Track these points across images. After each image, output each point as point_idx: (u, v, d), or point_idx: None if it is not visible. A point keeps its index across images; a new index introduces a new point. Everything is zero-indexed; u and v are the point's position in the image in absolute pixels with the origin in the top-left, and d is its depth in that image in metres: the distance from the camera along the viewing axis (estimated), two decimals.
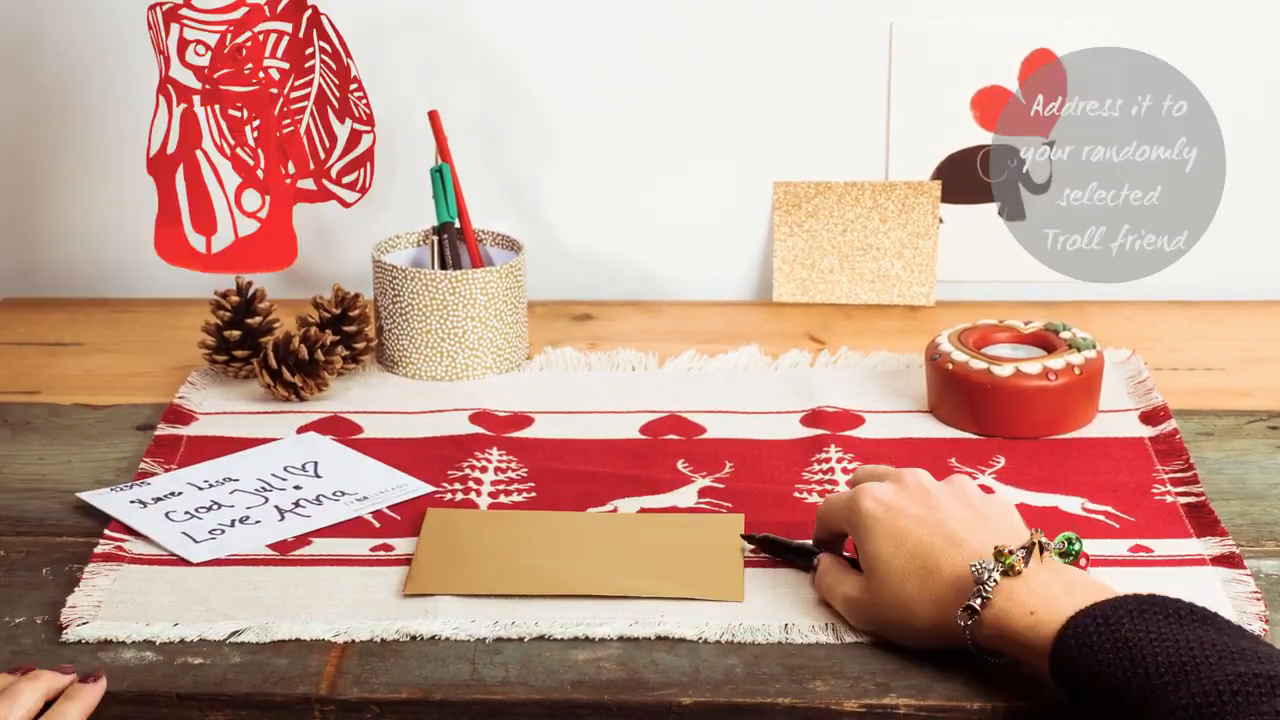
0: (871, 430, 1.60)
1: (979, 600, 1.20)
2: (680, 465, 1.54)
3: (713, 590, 1.35)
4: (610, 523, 1.45)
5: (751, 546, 1.40)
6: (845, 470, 1.52)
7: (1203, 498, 1.47)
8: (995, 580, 1.20)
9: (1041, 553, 1.21)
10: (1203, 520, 1.44)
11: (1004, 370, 1.57)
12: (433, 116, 1.74)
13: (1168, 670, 1.10)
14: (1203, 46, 1.85)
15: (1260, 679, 1.07)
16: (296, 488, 1.50)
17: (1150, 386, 1.66)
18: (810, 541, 1.37)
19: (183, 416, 1.63)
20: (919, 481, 1.31)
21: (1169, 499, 1.48)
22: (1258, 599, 1.32)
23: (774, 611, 1.32)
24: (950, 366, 1.59)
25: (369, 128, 1.73)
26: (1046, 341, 1.63)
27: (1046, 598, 1.19)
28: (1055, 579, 1.20)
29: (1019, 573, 1.20)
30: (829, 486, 1.49)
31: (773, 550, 1.39)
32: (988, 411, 1.58)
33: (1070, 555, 1.23)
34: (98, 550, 1.40)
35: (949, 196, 1.90)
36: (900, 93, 1.88)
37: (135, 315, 1.89)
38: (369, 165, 1.74)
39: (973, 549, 1.24)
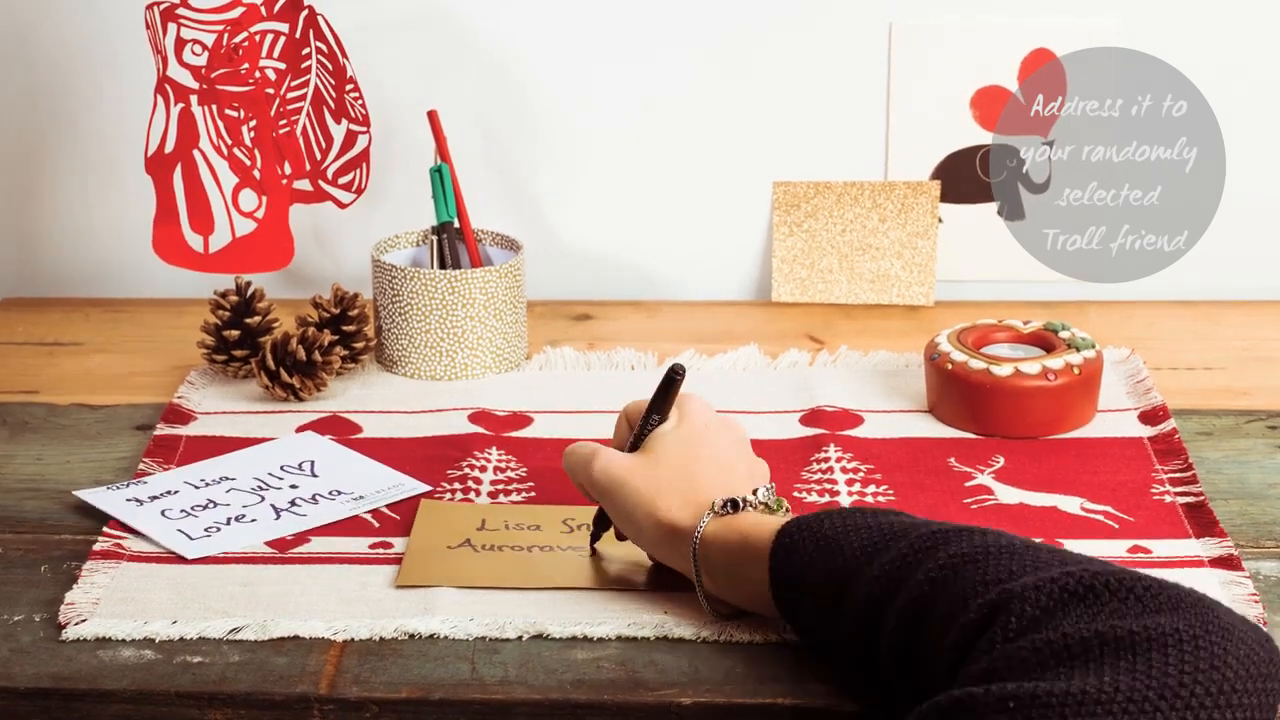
0: (871, 430, 1.60)
1: (700, 525, 1.28)
2: None
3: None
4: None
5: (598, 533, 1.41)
6: (845, 469, 1.52)
7: (1202, 497, 1.47)
8: (708, 518, 1.28)
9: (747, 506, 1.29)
10: (1202, 520, 1.44)
11: (1003, 370, 1.57)
12: (432, 116, 1.73)
13: (861, 552, 1.17)
14: (1203, 46, 1.85)
15: (935, 535, 1.15)
16: (293, 487, 1.50)
17: (1149, 386, 1.66)
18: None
19: (182, 416, 1.63)
20: (726, 423, 1.38)
21: (1168, 499, 1.47)
22: (1256, 601, 1.32)
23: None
24: (949, 366, 1.59)
25: (365, 128, 1.73)
26: (1046, 341, 1.63)
27: (753, 522, 1.26)
28: (757, 515, 1.28)
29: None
30: (829, 486, 1.49)
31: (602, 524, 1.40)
32: (987, 411, 1.58)
33: (777, 511, 1.29)
34: (96, 547, 1.40)
35: (948, 196, 1.90)
36: (899, 92, 1.88)
37: (134, 315, 1.89)
38: (365, 166, 1.74)
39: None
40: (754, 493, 1.29)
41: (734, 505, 1.28)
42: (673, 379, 1.36)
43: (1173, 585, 1.04)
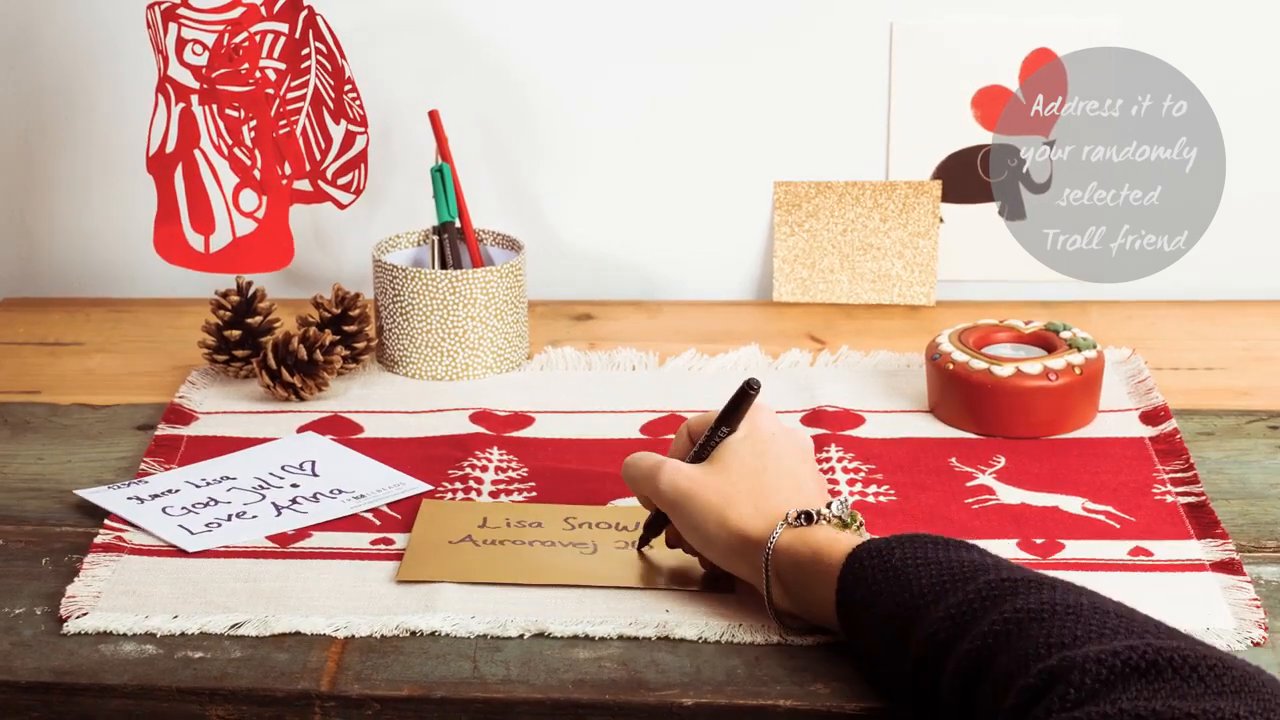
0: (872, 430, 1.60)
1: (774, 536, 1.26)
2: None
3: (705, 581, 1.35)
4: (604, 516, 1.45)
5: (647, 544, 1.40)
6: (846, 469, 1.52)
7: (1203, 497, 1.47)
8: (781, 528, 1.27)
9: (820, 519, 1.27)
10: (1203, 520, 1.44)
11: (1004, 370, 1.57)
12: (433, 116, 1.73)
13: (930, 589, 1.16)
14: (1203, 46, 1.85)
15: (1005, 584, 1.13)
16: (294, 486, 1.50)
17: (1150, 386, 1.66)
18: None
19: (183, 416, 1.63)
20: (793, 434, 1.37)
21: (1169, 499, 1.47)
22: (1257, 606, 1.32)
23: None
24: (951, 366, 1.59)
25: (363, 129, 1.73)
26: (1047, 341, 1.63)
27: (827, 538, 1.25)
28: (830, 530, 1.27)
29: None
30: (830, 486, 1.49)
31: (653, 528, 1.39)
32: (988, 411, 1.58)
33: (851, 525, 1.28)
34: (98, 540, 1.40)
35: (949, 196, 1.90)
36: (901, 92, 1.88)
37: (135, 315, 1.89)
38: (363, 167, 1.74)
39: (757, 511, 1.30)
40: (828, 506, 1.27)
41: (808, 517, 1.27)
42: (746, 392, 1.34)
43: (1241, 664, 1.01)
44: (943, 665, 1.12)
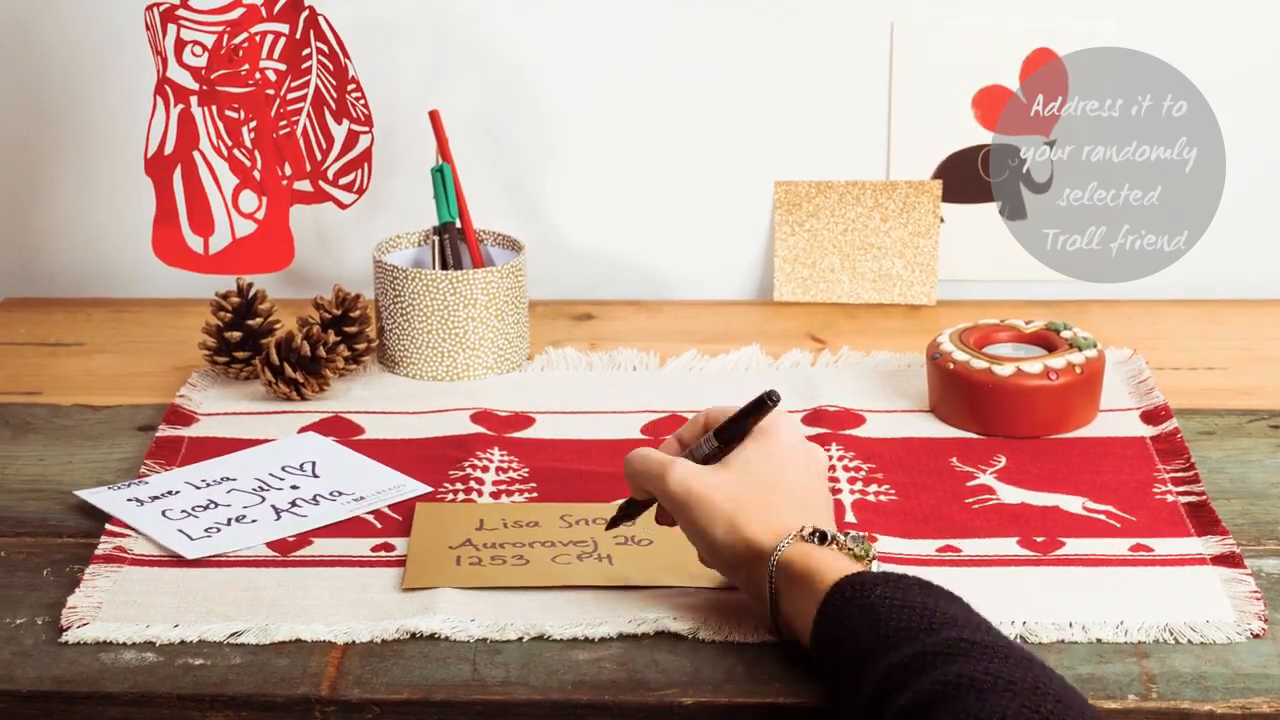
0: (873, 429, 1.60)
1: (781, 548, 1.25)
2: None
3: (710, 578, 1.36)
4: (601, 513, 1.45)
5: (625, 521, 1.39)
6: (846, 469, 1.52)
7: (1204, 497, 1.47)
8: (789, 542, 1.25)
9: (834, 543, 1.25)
10: (1204, 519, 1.44)
11: (1005, 370, 1.57)
12: (433, 116, 1.73)
13: (894, 634, 1.15)
14: (1203, 46, 1.85)
15: (962, 644, 1.11)
16: (294, 487, 1.50)
17: (1151, 386, 1.66)
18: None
19: (184, 418, 1.63)
20: (812, 450, 1.35)
21: (1170, 498, 1.47)
22: (1257, 598, 1.32)
23: None
24: (951, 366, 1.59)
25: (367, 128, 1.73)
26: (1047, 341, 1.63)
27: (824, 562, 1.23)
28: (831, 554, 1.24)
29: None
30: (831, 485, 1.49)
31: (627, 511, 1.38)
32: (989, 411, 1.58)
33: (862, 559, 1.25)
34: (98, 551, 1.40)
35: (950, 196, 1.90)
36: (901, 92, 1.88)
37: (136, 315, 1.89)
38: (366, 166, 1.74)
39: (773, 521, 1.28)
40: (845, 535, 1.25)
41: (821, 537, 1.25)
42: (764, 403, 1.32)
43: None
44: (883, 712, 1.11)
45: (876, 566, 1.25)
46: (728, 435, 1.33)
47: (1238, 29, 1.85)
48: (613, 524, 1.38)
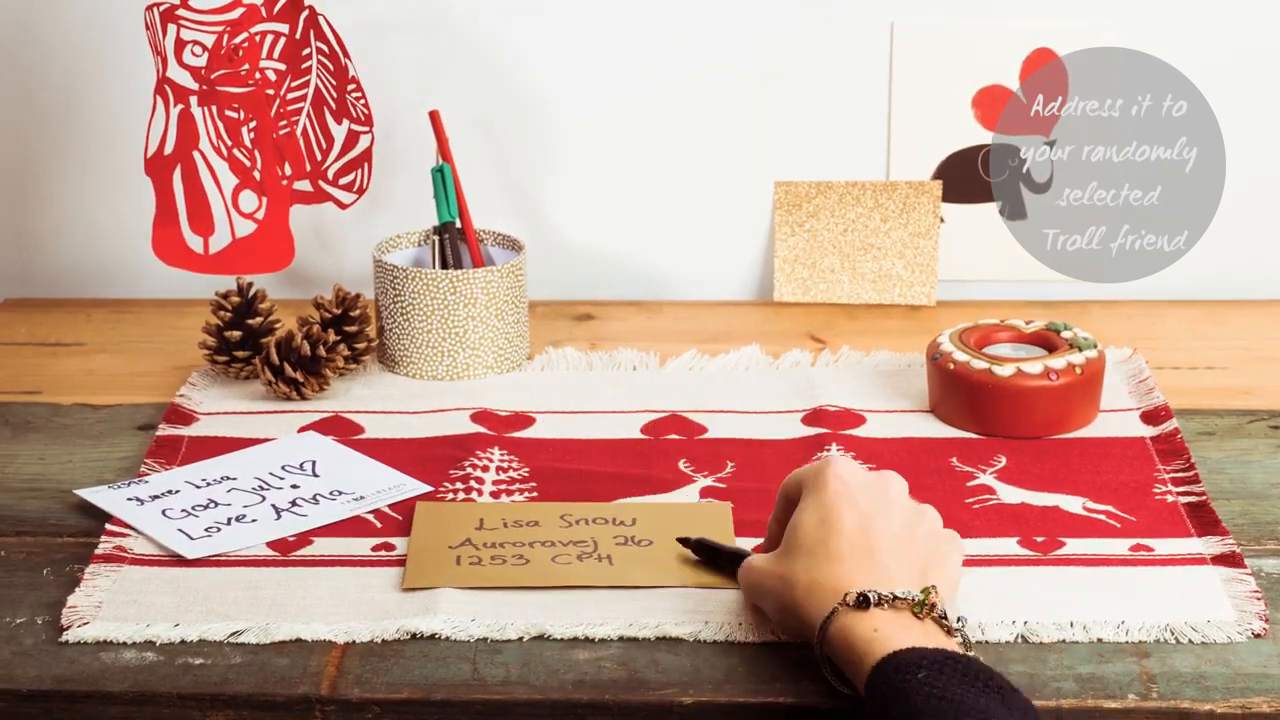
0: (873, 429, 1.60)
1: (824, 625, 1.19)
2: (682, 465, 1.54)
3: (710, 578, 1.35)
4: (601, 513, 1.45)
5: (687, 550, 1.38)
6: None
7: (1204, 497, 1.47)
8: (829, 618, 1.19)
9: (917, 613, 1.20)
10: (1204, 519, 1.44)
11: (1005, 370, 1.57)
12: (434, 116, 1.73)
13: None
14: (1203, 46, 1.85)
15: None
16: (294, 487, 1.50)
17: (1151, 386, 1.66)
18: (744, 548, 1.35)
19: (184, 417, 1.63)
20: (886, 487, 1.30)
21: (1170, 498, 1.47)
22: (1258, 598, 1.32)
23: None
24: (951, 366, 1.59)
25: (367, 128, 1.73)
26: (1048, 341, 1.63)
27: (864, 637, 1.17)
28: (874, 622, 1.19)
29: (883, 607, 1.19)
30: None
31: (707, 554, 1.37)
32: (989, 411, 1.58)
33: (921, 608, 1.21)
34: (98, 550, 1.40)
35: (950, 196, 1.90)
36: (901, 92, 1.88)
37: (136, 315, 1.89)
38: (366, 166, 1.74)
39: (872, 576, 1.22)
40: (901, 592, 1.19)
41: (863, 600, 1.19)
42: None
43: None
44: None
45: (931, 619, 1.20)
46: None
47: (1238, 29, 1.85)
48: (692, 546, 1.38)
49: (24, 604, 1.34)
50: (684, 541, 1.39)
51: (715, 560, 1.37)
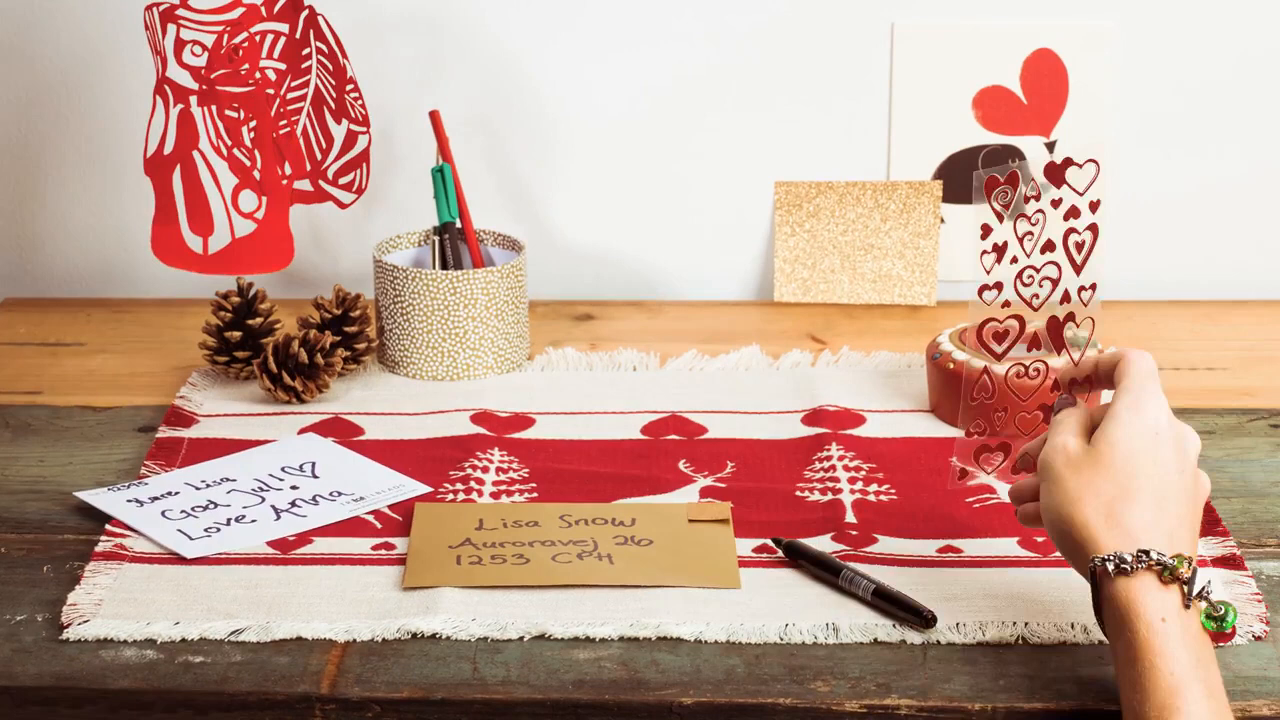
0: (873, 429, 1.60)
1: (1121, 562, 1.17)
2: (682, 465, 1.54)
3: (710, 579, 1.35)
4: (601, 513, 1.45)
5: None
6: (847, 469, 1.52)
7: None
8: (1149, 565, 1.17)
9: (1200, 598, 1.18)
10: (1204, 519, 1.43)
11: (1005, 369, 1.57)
12: (434, 116, 1.73)
13: None
14: (1202, 46, 1.85)
15: None
16: (294, 488, 1.50)
17: None
18: (831, 556, 1.34)
19: (183, 419, 1.63)
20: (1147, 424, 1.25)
21: None
22: (1259, 600, 1.32)
23: (775, 611, 1.32)
24: (951, 366, 1.59)
25: (365, 129, 1.73)
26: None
27: (1190, 645, 1.15)
28: (1200, 635, 1.17)
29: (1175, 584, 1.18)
30: (831, 485, 1.49)
31: (798, 557, 1.37)
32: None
33: (1218, 622, 1.19)
34: (99, 548, 1.40)
35: (950, 196, 1.90)
36: (902, 92, 1.88)
37: (136, 315, 1.89)
38: (365, 166, 1.74)
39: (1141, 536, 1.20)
40: (1146, 553, 1.18)
41: (1121, 565, 1.18)
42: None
43: None
44: None
45: (1199, 588, 1.18)
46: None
47: (1237, 29, 1.85)
48: (789, 551, 1.38)
49: (24, 601, 1.34)
50: (776, 542, 1.39)
51: (801, 560, 1.36)
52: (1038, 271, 1.34)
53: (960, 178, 1.89)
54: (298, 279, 1.92)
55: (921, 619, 1.29)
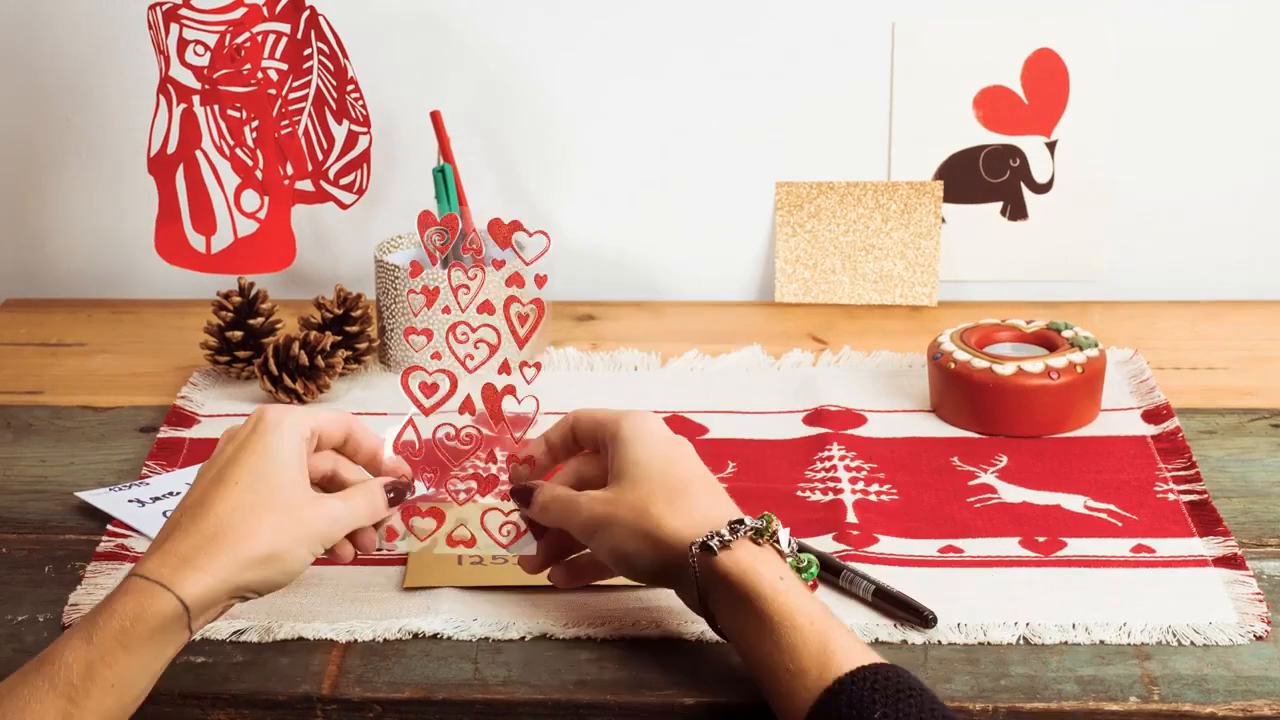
0: (874, 429, 1.60)
1: (722, 538, 1.20)
2: None
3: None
4: None
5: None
6: (848, 469, 1.52)
7: (1205, 496, 1.47)
8: (745, 533, 1.21)
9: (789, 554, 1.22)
10: (1205, 518, 1.44)
11: (1006, 369, 1.57)
12: (435, 117, 1.73)
13: None
14: (1202, 46, 1.85)
15: None
16: None
17: (1152, 385, 1.66)
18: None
19: (185, 419, 1.63)
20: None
21: (1171, 497, 1.47)
22: (1260, 600, 1.32)
23: None
24: (952, 366, 1.59)
25: (366, 129, 1.73)
26: (1049, 340, 1.63)
27: (819, 651, 1.15)
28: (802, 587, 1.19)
29: (764, 545, 1.21)
30: (832, 485, 1.49)
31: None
32: (990, 410, 1.58)
33: (802, 573, 1.23)
34: (100, 549, 1.40)
35: (951, 196, 1.90)
36: (902, 92, 1.88)
37: (137, 315, 1.89)
38: (366, 167, 1.74)
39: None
40: (738, 522, 1.21)
41: (752, 531, 1.21)
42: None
43: None
44: None
45: (786, 542, 1.22)
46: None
47: (1237, 29, 1.85)
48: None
49: (25, 601, 1.34)
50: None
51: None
52: (473, 330, 1.29)
53: (961, 178, 1.89)
54: (299, 279, 1.92)
55: (922, 619, 1.29)
